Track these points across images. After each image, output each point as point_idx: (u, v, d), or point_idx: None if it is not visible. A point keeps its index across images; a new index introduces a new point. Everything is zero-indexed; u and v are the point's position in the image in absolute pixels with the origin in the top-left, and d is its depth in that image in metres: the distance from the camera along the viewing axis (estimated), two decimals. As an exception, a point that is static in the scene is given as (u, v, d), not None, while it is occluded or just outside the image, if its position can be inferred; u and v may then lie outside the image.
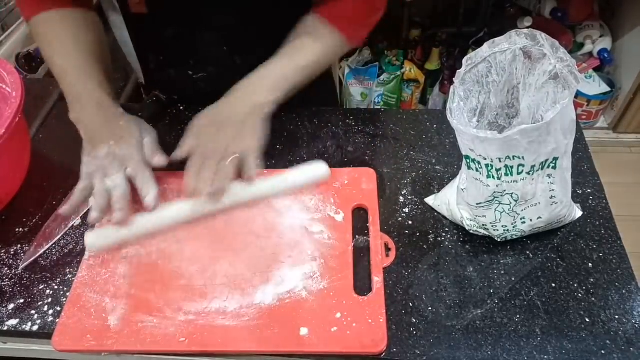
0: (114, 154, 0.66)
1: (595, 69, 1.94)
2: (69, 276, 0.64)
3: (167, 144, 0.81)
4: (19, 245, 0.68)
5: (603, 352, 0.55)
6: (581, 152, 0.76)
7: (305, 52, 0.72)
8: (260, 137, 0.67)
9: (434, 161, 0.76)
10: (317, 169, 0.70)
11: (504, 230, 0.63)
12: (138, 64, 0.86)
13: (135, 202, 0.67)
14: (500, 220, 0.61)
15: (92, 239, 0.64)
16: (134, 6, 0.74)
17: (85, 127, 0.69)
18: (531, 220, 0.61)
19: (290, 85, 0.70)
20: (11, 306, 0.62)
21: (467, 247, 0.65)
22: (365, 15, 0.74)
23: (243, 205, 0.68)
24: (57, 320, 0.59)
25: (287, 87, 0.70)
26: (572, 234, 0.66)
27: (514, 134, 0.51)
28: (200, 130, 0.69)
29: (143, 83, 0.93)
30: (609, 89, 1.89)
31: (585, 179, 0.72)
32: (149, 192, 0.66)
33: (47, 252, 0.67)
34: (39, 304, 0.62)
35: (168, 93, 0.89)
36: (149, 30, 0.79)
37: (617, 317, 0.58)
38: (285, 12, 0.75)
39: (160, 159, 0.69)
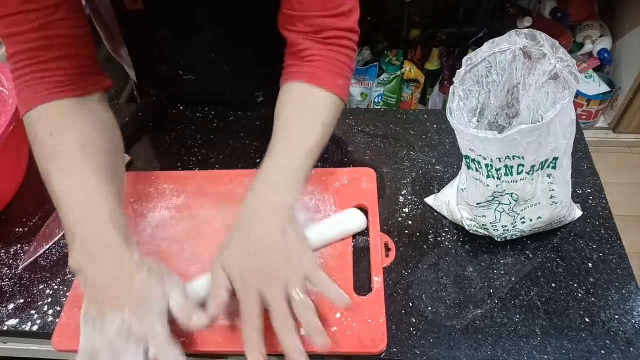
0: (129, 328, 0.49)
1: (595, 69, 1.94)
2: (69, 276, 0.64)
3: (167, 144, 0.81)
4: (19, 245, 0.68)
5: (603, 352, 0.55)
6: (581, 152, 0.76)
7: (307, 132, 0.60)
8: (306, 242, 0.55)
9: (434, 161, 0.76)
10: (354, 219, 0.65)
11: (504, 231, 0.63)
12: (131, 62, 0.85)
13: None
14: (500, 220, 0.61)
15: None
16: (129, 3, 0.72)
17: (88, 282, 0.51)
18: (531, 220, 0.61)
19: (305, 176, 0.59)
20: (11, 306, 0.62)
21: (467, 247, 0.65)
22: (347, 67, 0.65)
23: None
24: (57, 320, 0.59)
25: (302, 179, 0.58)
26: (572, 234, 0.66)
27: (513, 134, 0.51)
28: (235, 273, 0.52)
29: (135, 81, 0.93)
30: (608, 89, 1.89)
31: (585, 179, 0.72)
32: None
33: (47, 252, 0.67)
34: (39, 304, 0.62)
35: (159, 90, 0.89)
36: (142, 28, 0.78)
37: (617, 317, 0.58)
38: (269, 20, 0.67)
39: (199, 320, 0.51)
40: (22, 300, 0.62)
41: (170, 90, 0.88)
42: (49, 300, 0.62)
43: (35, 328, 0.60)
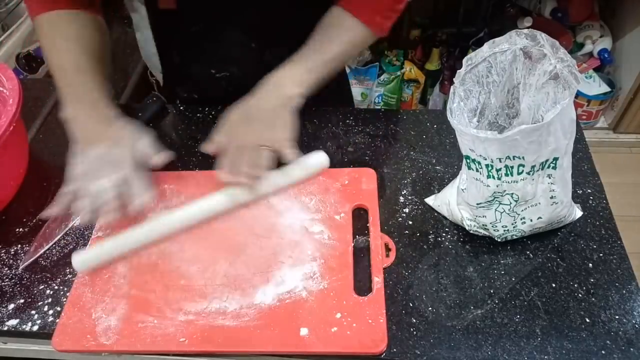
0: (106, 157, 0.65)
1: (595, 69, 1.94)
2: (69, 276, 0.64)
3: (167, 144, 0.81)
4: (19, 245, 0.68)
5: (603, 352, 0.55)
6: (581, 152, 0.76)
7: (331, 45, 0.72)
8: (291, 128, 0.69)
9: (434, 161, 0.76)
10: (316, 159, 0.72)
11: (504, 231, 0.63)
12: (158, 64, 0.86)
13: (124, 215, 0.64)
14: (500, 220, 0.61)
15: (80, 260, 0.63)
16: (162, 2, 0.74)
17: (77, 127, 0.68)
18: (531, 220, 0.61)
19: (317, 78, 0.71)
20: (11, 306, 0.62)
21: (467, 247, 0.65)
22: (390, 6, 0.73)
23: (244, 207, 0.69)
24: (57, 320, 0.59)
25: (314, 80, 0.71)
26: (572, 234, 0.66)
27: (514, 134, 0.51)
28: (231, 125, 0.70)
29: (160, 84, 0.93)
30: (609, 89, 1.89)
31: (585, 179, 0.72)
32: (141, 196, 0.64)
33: (47, 252, 0.67)
34: (39, 304, 0.62)
35: (188, 92, 0.89)
36: (175, 27, 0.79)
37: (617, 317, 0.58)
38: (310, 6, 0.75)
39: (158, 159, 0.67)
40: (22, 301, 0.62)
41: (201, 90, 0.89)
42: (49, 300, 0.62)
43: (35, 328, 0.60)
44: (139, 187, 0.64)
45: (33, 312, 0.61)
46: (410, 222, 0.68)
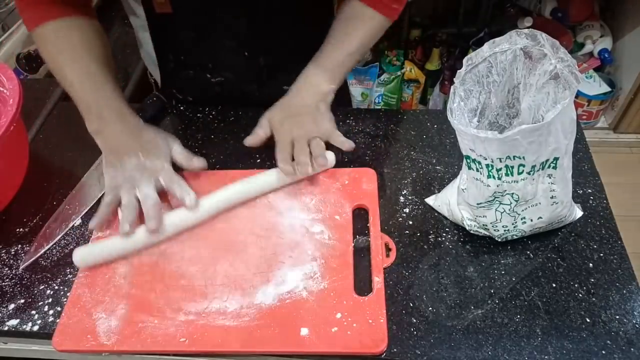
0: (143, 165, 0.66)
1: (596, 69, 1.94)
2: (70, 276, 0.64)
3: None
4: (19, 246, 0.68)
5: (604, 352, 0.55)
6: (581, 152, 0.76)
7: (352, 37, 0.75)
8: (333, 121, 0.73)
9: (434, 161, 0.76)
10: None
11: (505, 231, 0.63)
12: (156, 65, 0.86)
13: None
14: (500, 220, 0.61)
15: (80, 255, 0.63)
16: (158, 6, 0.74)
17: (107, 139, 0.68)
18: (532, 220, 0.61)
19: (345, 71, 0.75)
20: (11, 306, 0.62)
21: (468, 247, 0.65)
22: None
23: (248, 203, 0.70)
24: (58, 321, 0.59)
25: (343, 74, 0.75)
26: (573, 234, 0.66)
27: (514, 134, 0.51)
28: (276, 121, 0.72)
29: (159, 85, 0.93)
30: (609, 89, 1.89)
31: (585, 179, 0.72)
32: (189, 194, 0.65)
33: (48, 252, 0.67)
34: (40, 304, 0.62)
35: (184, 94, 0.90)
36: (171, 31, 0.80)
37: (617, 317, 0.58)
38: (301, 16, 0.78)
39: (199, 162, 0.70)
40: (22, 301, 0.62)
41: (196, 94, 0.89)
42: (50, 300, 0.62)
43: (35, 328, 0.60)
44: (183, 189, 0.66)
45: (33, 312, 0.61)
46: (411, 222, 0.68)
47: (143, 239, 0.64)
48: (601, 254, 0.64)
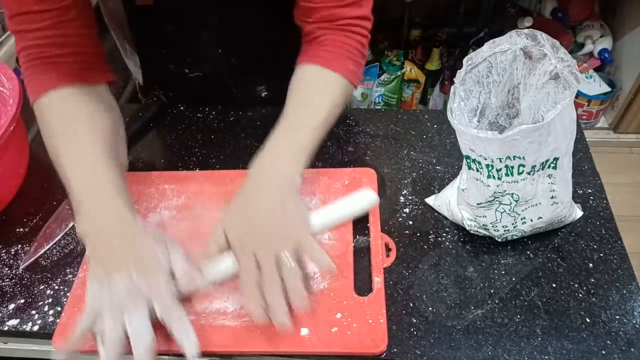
0: (136, 287, 0.52)
1: (596, 69, 1.94)
2: (70, 276, 0.64)
3: (167, 145, 0.81)
4: (19, 246, 0.68)
5: (604, 352, 0.55)
6: (581, 152, 0.76)
7: (314, 109, 0.64)
8: (305, 217, 0.59)
9: (434, 161, 0.76)
10: (364, 198, 0.65)
11: (505, 231, 0.63)
12: (138, 61, 0.86)
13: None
14: (500, 220, 0.61)
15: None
16: None
17: (95, 245, 0.55)
18: (532, 220, 0.61)
19: (310, 151, 0.61)
20: (11, 306, 0.62)
21: (468, 247, 0.65)
22: (359, 51, 0.68)
23: None
24: (58, 321, 0.59)
25: (307, 154, 0.61)
26: (573, 234, 0.66)
27: (514, 134, 0.51)
28: (234, 238, 0.56)
29: (140, 83, 0.93)
30: (609, 89, 1.89)
31: (585, 179, 0.72)
32: (190, 340, 0.52)
33: (48, 252, 0.67)
34: (40, 304, 0.62)
35: (165, 89, 0.89)
36: (151, 24, 0.79)
37: (617, 317, 0.58)
38: (273, 16, 0.74)
39: (201, 282, 0.57)
40: (22, 301, 0.62)
41: (175, 88, 0.88)
42: (50, 300, 0.62)
43: (35, 328, 0.60)
44: (184, 326, 0.52)
45: (33, 312, 0.61)
46: (411, 222, 0.68)
47: None
48: (601, 254, 0.64)
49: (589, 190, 0.71)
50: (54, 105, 0.63)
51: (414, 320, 0.58)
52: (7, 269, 0.66)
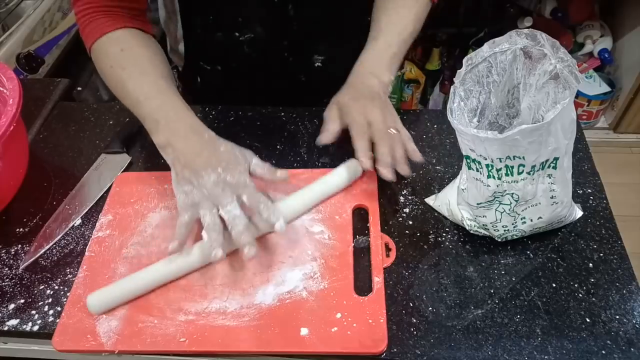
0: (224, 181, 0.60)
1: (596, 69, 1.94)
2: (70, 276, 0.64)
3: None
4: (19, 246, 0.68)
5: (604, 352, 0.55)
6: (581, 152, 0.76)
7: (403, 24, 0.74)
8: (392, 108, 0.70)
9: (434, 161, 0.76)
10: (351, 167, 0.70)
11: (505, 230, 0.63)
12: (181, 35, 0.85)
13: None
14: (500, 220, 0.61)
15: (95, 301, 0.59)
16: None
17: (178, 153, 0.62)
18: (532, 220, 0.61)
19: (400, 60, 0.74)
20: (11, 306, 0.62)
21: (468, 247, 0.65)
22: None
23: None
24: (58, 321, 0.59)
25: (398, 63, 0.74)
26: (573, 234, 0.66)
27: (514, 134, 0.51)
28: (346, 107, 0.68)
29: (180, 69, 0.92)
30: (609, 89, 1.89)
31: (585, 179, 0.72)
32: (278, 217, 0.60)
33: (48, 252, 0.67)
34: (40, 304, 0.62)
35: (212, 63, 0.88)
36: None
37: (617, 317, 0.58)
38: None
39: (282, 174, 0.65)
40: (22, 301, 0.62)
41: (223, 60, 0.87)
42: (50, 300, 0.62)
43: (35, 328, 0.60)
44: (271, 211, 0.60)
45: (33, 312, 0.61)
46: (411, 222, 0.68)
47: (180, 268, 0.61)
48: (601, 254, 0.64)
49: (589, 190, 0.71)
50: (113, 41, 0.69)
51: (414, 320, 0.58)
52: (7, 269, 0.66)
